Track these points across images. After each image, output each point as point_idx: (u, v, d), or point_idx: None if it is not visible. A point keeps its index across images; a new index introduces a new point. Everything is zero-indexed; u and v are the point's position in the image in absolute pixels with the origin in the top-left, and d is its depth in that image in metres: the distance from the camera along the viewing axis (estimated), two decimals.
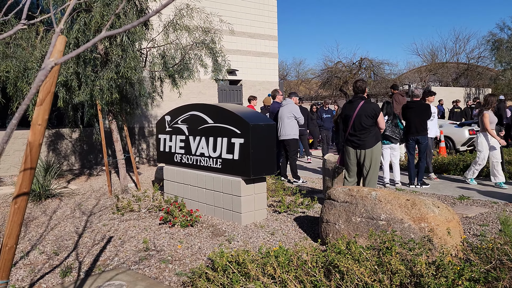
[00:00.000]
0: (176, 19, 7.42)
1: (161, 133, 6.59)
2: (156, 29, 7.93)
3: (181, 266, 3.85)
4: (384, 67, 28.49)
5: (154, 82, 8.44)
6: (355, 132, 5.39)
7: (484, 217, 5.17)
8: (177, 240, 4.57)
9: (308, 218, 5.40)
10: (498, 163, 7.02)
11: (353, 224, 4.02)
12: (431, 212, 3.64)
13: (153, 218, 5.49)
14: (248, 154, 5.06)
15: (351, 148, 5.47)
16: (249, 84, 14.17)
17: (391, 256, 2.97)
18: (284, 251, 3.41)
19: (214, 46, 8.36)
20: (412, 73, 32.27)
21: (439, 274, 2.70)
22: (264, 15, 14.45)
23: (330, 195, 4.37)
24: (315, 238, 4.53)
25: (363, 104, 5.37)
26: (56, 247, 4.46)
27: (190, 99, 12.24)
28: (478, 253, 3.25)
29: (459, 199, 6.20)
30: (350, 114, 5.44)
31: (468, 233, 4.58)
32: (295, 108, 7.88)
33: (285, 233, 4.80)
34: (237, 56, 13.66)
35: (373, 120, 5.32)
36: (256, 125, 5.11)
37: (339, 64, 29.06)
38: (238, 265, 3.20)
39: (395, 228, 3.70)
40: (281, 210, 5.57)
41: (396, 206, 3.81)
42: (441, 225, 3.56)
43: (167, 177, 6.48)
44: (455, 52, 32.66)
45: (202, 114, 5.75)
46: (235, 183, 5.24)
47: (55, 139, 9.99)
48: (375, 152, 5.38)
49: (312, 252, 3.34)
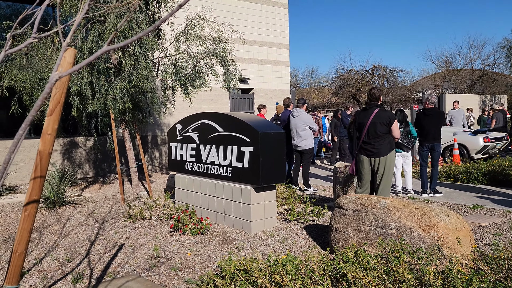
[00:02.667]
0: (188, 29, 7.54)
1: (172, 142, 6.67)
2: (168, 39, 8.06)
3: (190, 274, 3.87)
4: (397, 75, 28.31)
5: (166, 91, 8.55)
6: (370, 140, 5.36)
7: (497, 226, 5.09)
8: (187, 248, 4.60)
9: (318, 226, 5.38)
10: None
11: (362, 232, 4.00)
12: (441, 221, 3.60)
13: (164, 226, 5.54)
14: (257, 162, 5.09)
15: (365, 156, 5.45)
16: (261, 93, 14.23)
17: (399, 265, 2.95)
18: (292, 259, 3.42)
19: (225, 55, 8.45)
20: (426, 80, 31.96)
21: (447, 284, 2.67)
22: (275, 23, 14.55)
23: (340, 204, 4.36)
24: (324, 246, 4.51)
25: (378, 112, 5.35)
26: (69, 254, 4.54)
27: (202, 107, 12.36)
28: (489, 263, 3.21)
29: (472, 208, 6.11)
30: (364, 122, 5.42)
31: (481, 242, 4.51)
32: (308, 117, 7.90)
33: (294, 241, 4.79)
34: (248, 65, 13.76)
35: (387, 128, 5.30)
36: (265, 133, 5.14)
37: (352, 71, 28.99)
38: (246, 273, 3.21)
39: (404, 237, 3.67)
40: (291, 218, 5.56)
41: (405, 215, 3.79)
42: (451, 234, 3.52)
43: (178, 185, 6.54)
44: (469, 58, 32.28)
45: (212, 122, 5.81)
46: (245, 191, 5.26)
47: (69, 147, 10.17)
48: (389, 160, 5.35)
49: (320, 260, 3.34)
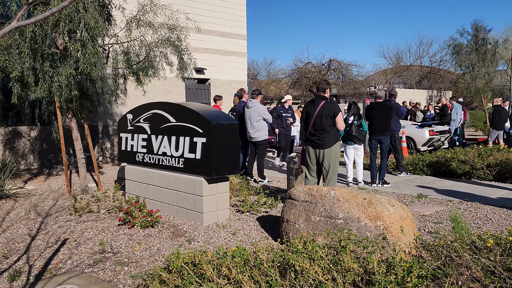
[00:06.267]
0: (140, 15, 7.27)
1: (122, 132, 6.44)
2: (119, 25, 7.74)
3: (137, 269, 3.76)
4: (352, 69, 29.08)
5: (117, 80, 8.24)
6: (316, 131, 5.44)
7: (439, 215, 5.34)
8: (136, 242, 4.47)
9: (271, 217, 5.40)
10: None
11: (312, 223, 4.05)
12: (386, 210, 3.71)
13: (112, 219, 5.35)
14: (210, 153, 5.02)
15: (311, 147, 5.52)
16: (218, 83, 14.08)
17: (345, 254, 3.00)
18: (241, 251, 3.39)
19: (180, 44, 8.25)
20: (379, 75, 33.04)
21: (390, 272, 2.75)
22: (233, 13, 14.39)
23: (291, 195, 4.39)
24: (276, 237, 4.54)
25: (324, 104, 5.42)
26: (6, 250, 4.27)
27: (157, 97, 12.04)
28: (429, 250, 3.34)
29: (417, 198, 6.37)
30: (311, 114, 5.48)
31: (423, 230, 4.71)
32: (263, 109, 7.88)
33: (246, 232, 4.78)
34: (205, 55, 13.55)
35: (332, 120, 5.39)
36: (218, 124, 5.07)
37: (309, 64, 29.41)
38: (194, 266, 3.16)
39: (352, 226, 3.75)
40: (244, 209, 5.55)
41: (353, 205, 3.87)
42: (395, 223, 3.64)
43: (129, 177, 6.34)
44: (419, 55, 33.72)
45: (164, 112, 5.65)
46: (197, 183, 5.18)
47: (12, 137, 9.59)
48: (334, 152, 5.46)
49: (269, 251, 3.34)
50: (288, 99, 10.05)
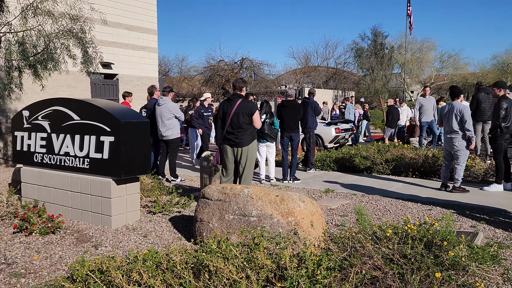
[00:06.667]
0: (37, 2, 6.65)
1: (18, 130, 5.84)
2: (13, 12, 7.01)
3: (36, 279, 3.43)
4: (263, 68, 29.74)
5: (11, 72, 7.47)
6: (233, 130, 5.44)
7: (345, 208, 5.69)
8: (34, 250, 4.08)
9: (184, 217, 5.30)
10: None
11: (226, 222, 4.05)
12: (298, 206, 3.84)
13: (6, 227, 4.82)
14: (119, 153, 4.76)
15: (229, 146, 5.52)
16: (127, 79, 13.45)
17: (259, 251, 3.04)
18: (153, 254, 3.27)
19: (84, 36, 7.73)
20: (289, 75, 34.30)
21: (301, 265, 2.85)
22: (143, 7, 13.84)
23: (205, 194, 4.34)
24: (189, 238, 4.46)
25: (241, 103, 5.45)
26: None
27: (58, 92, 11.13)
28: (336, 243, 3.53)
29: (325, 192, 6.73)
30: (228, 112, 5.48)
31: (331, 223, 4.98)
32: (174, 106, 7.69)
33: (158, 234, 4.63)
34: (113, 49, 12.86)
35: (249, 119, 5.44)
36: (128, 122, 4.83)
37: (222, 62, 29.46)
38: (101, 273, 2.96)
39: (265, 223, 3.82)
40: (156, 210, 5.37)
41: (266, 202, 3.94)
42: (306, 218, 3.78)
43: (26, 179, 5.77)
44: (325, 57, 35.61)
45: (66, 109, 5.23)
46: (105, 184, 4.88)
47: None
48: (251, 151, 5.52)
49: (183, 253, 3.26)
50: (208, 97, 9.96)
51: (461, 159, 6.53)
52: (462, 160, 6.53)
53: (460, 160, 6.53)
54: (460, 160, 6.53)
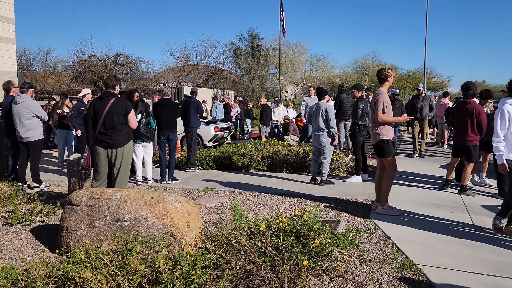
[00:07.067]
0: None
1: None
2: None
3: None
4: (141, 65, 28.68)
5: None
6: (106, 130, 5.11)
7: (223, 206, 5.78)
8: None
9: (48, 227, 4.80)
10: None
11: (96, 228, 3.78)
12: (174, 207, 3.77)
13: None
14: None
15: (102, 148, 5.17)
16: None
17: (132, 257, 2.91)
18: (9, 271, 2.89)
19: None
20: (168, 73, 33.64)
21: (176, 267, 2.80)
22: None
23: (71, 200, 3.99)
24: (54, 249, 4.04)
25: (115, 101, 5.15)
26: None
27: None
28: (213, 241, 3.56)
29: (204, 191, 6.75)
30: (100, 112, 5.12)
31: (209, 222, 5.01)
32: (35, 105, 6.90)
33: (17, 248, 4.11)
34: None
35: (125, 118, 5.18)
36: None
37: (94, 57, 27.57)
38: None
39: (140, 227, 3.67)
40: (14, 221, 4.76)
41: (141, 205, 3.78)
42: (182, 219, 3.73)
43: None
44: (204, 56, 35.73)
45: None
46: None
47: None
48: (127, 151, 5.26)
49: (44, 266, 2.95)
50: (87, 93, 9.21)
51: (327, 155, 7.16)
52: (328, 155, 7.17)
53: (326, 155, 7.15)
54: (326, 156, 7.16)
